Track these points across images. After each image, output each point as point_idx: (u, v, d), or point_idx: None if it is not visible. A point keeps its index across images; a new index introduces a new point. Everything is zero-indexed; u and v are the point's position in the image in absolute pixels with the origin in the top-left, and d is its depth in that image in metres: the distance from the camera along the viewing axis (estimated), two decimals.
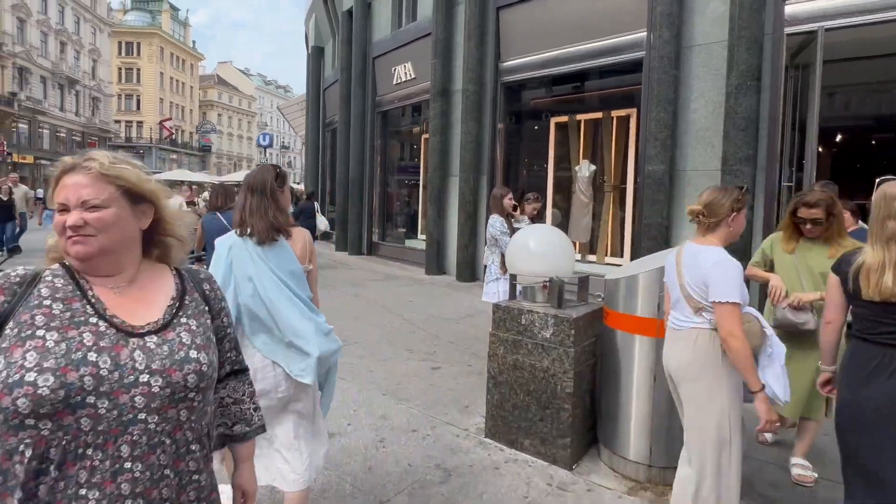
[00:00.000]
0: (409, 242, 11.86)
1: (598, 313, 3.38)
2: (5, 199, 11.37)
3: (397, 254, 11.67)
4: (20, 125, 34.77)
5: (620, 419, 3.08)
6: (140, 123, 52.40)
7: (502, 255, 4.77)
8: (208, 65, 69.51)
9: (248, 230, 2.12)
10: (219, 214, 4.89)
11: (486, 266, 5.03)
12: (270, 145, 22.56)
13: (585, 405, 3.30)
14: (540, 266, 3.45)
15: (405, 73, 11.02)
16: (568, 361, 3.14)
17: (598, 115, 8.31)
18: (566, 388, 3.14)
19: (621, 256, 7.78)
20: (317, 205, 12.67)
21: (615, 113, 8.04)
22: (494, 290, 4.78)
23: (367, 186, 12.45)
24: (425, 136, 11.69)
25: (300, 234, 2.26)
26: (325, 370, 2.30)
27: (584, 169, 8.20)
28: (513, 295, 3.62)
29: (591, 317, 3.34)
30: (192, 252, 5.50)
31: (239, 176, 30.19)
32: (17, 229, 11.84)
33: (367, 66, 12.23)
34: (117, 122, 50.05)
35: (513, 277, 3.61)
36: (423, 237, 11.52)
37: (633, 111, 7.66)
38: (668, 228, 6.39)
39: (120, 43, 51.16)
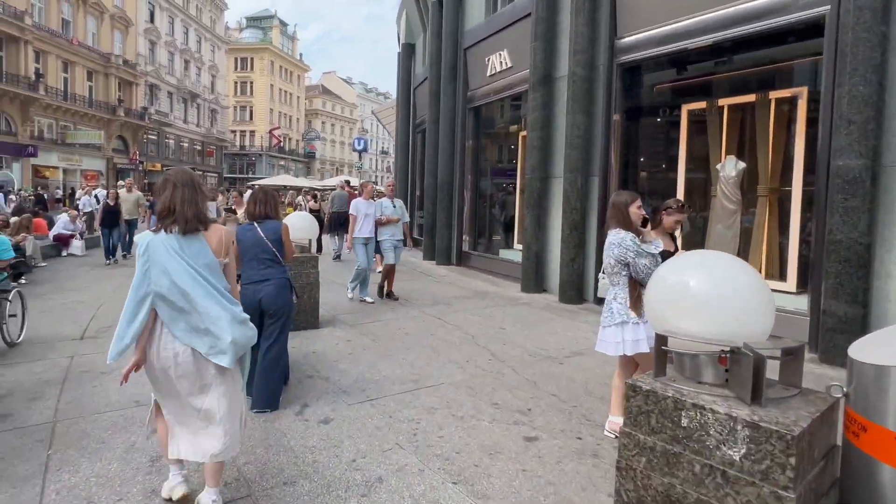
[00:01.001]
0: (502, 253, 10.56)
1: (829, 415, 1.90)
2: (112, 203, 11.53)
3: (489, 266, 10.42)
4: (150, 136, 38.28)
5: None
6: (252, 133, 56.07)
7: (634, 289, 3.35)
8: (314, 76, 73.16)
9: (174, 220, 2.31)
10: (256, 225, 3.97)
11: (605, 301, 3.60)
12: (365, 150, 22.39)
13: None
14: (713, 324, 2.03)
15: (500, 62, 9.77)
16: None
17: (750, 98, 6.47)
18: None
19: (783, 280, 5.92)
20: None
21: (775, 94, 6.17)
22: (618, 339, 3.35)
23: (458, 190, 11.33)
24: (522, 133, 10.35)
25: (217, 229, 2.47)
26: (242, 354, 2.49)
27: (730, 167, 6.40)
28: (661, 368, 2.21)
29: (820, 423, 1.86)
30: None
31: (336, 181, 30.69)
32: (125, 236, 11.74)
33: (458, 58, 11.14)
34: (232, 131, 53.93)
35: (660, 340, 2.20)
36: (520, 248, 10.18)
37: (801, 90, 5.79)
38: (868, 247, 4.51)
39: (236, 59, 55.15)
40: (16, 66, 27.24)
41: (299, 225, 6.05)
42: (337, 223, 11.80)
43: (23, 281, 8.93)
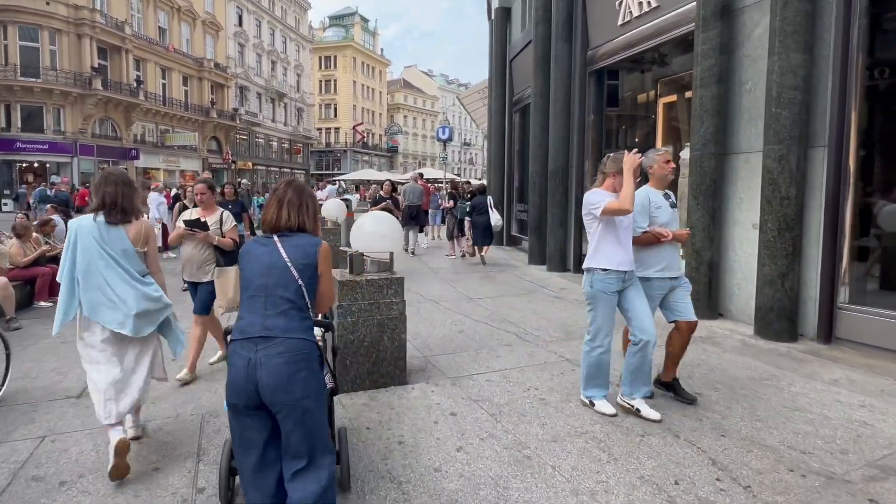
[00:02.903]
0: None
1: None
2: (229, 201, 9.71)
3: None
4: (241, 136, 39.03)
5: None
6: (337, 129, 56.43)
7: None
8: (395, 71, 72.78)
9: (114, 212, 2.80)
10: (277, 239, 2.04)
11: None
12: (450, 139, 20.55)
13: None
14: None
15: (639, 2, 7.28)
16: None
17: None
18: None
19: None
20: (490, 199, 10.28)
21: None
22: None
23: (575, 178, 8.93)
24: (665, 99, 7.82)
25: (139, 222, 2.92)
26: (155, 326, 2.93)
27: None
28: None
29: None
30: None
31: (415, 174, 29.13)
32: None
33: (574, 8, 8.74)
34: (318, 129, 54.43)
35: None
36: None
37: None
38: None
39: (320, 58, 55.65)
40: (119, 74, 28.26)
41: (379, 232, 4.10)
42: (409, 217, 11.12)
43: None
